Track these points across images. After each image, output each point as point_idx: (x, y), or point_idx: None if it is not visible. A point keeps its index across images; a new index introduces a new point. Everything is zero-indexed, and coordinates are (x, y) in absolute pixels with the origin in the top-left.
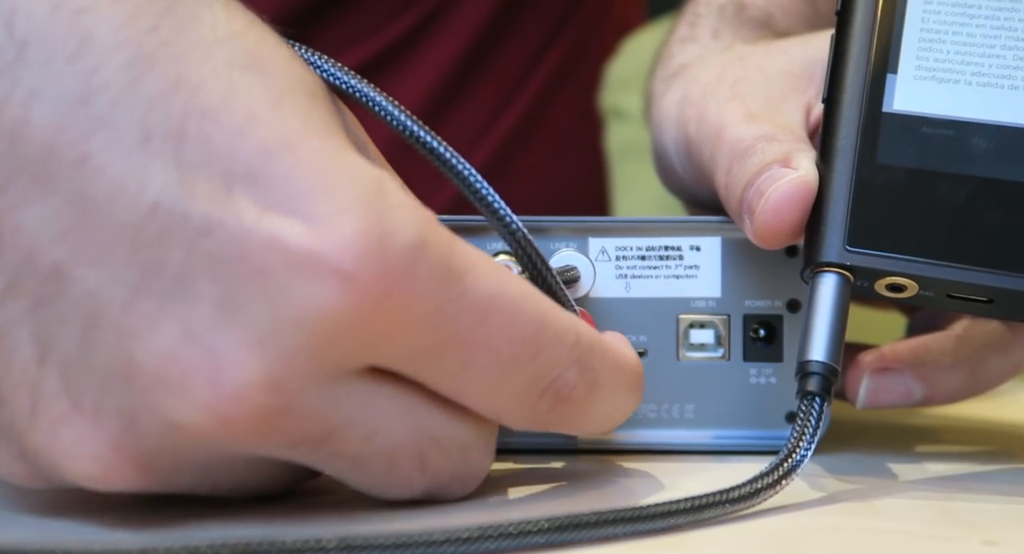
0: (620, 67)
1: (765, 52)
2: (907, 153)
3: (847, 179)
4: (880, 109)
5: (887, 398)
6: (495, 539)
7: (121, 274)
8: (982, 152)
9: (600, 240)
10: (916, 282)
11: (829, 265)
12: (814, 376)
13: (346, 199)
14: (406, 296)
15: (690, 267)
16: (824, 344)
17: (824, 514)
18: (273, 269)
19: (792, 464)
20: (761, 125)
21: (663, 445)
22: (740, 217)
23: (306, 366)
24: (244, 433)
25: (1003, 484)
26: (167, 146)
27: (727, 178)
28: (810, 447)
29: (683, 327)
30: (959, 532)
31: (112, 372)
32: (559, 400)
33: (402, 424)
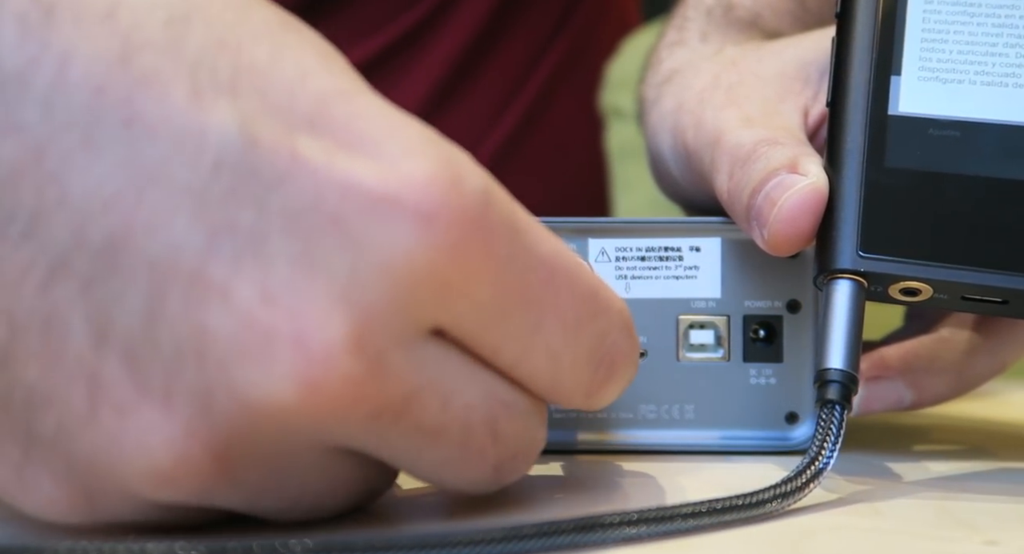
0: (620, 67)
1: (757, 55)
2: (915, 156)
3: (857, 184)
4: (886, 112)
5: (879, 405)
6: (519, 540)
7: (185, 239)
8: (990, 152)
9: (600, 241)
10: (930, 286)
11: (843, 272)
12: (833, 384)
13: (414, 142)
14: (481, 243)
15: (690, 268)
16: (842, 351)
17: (824, 514)
18: (349, 215)
19: (815, 471)
20: (760, 129)
21: (663, 445)
22: (748, 224)
23: (389, 321)
24: (331, 402)
25: (1003, 484)
26: (220, 101)
27: (730, 184)
28: (832, 454)
29: (683, 328)
30: (959, 532)
31: (182, 349)
32: (611, 370)
33: (473, 387)
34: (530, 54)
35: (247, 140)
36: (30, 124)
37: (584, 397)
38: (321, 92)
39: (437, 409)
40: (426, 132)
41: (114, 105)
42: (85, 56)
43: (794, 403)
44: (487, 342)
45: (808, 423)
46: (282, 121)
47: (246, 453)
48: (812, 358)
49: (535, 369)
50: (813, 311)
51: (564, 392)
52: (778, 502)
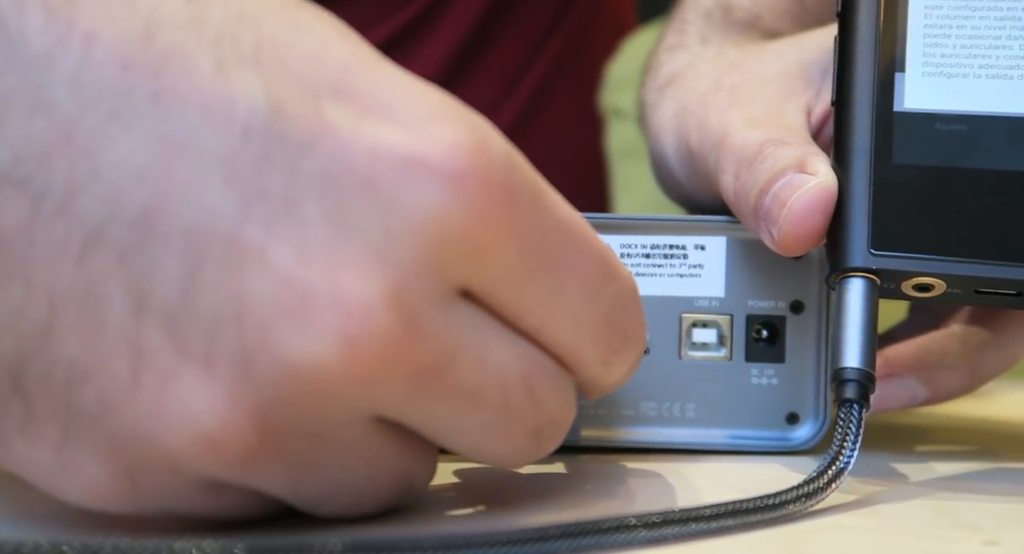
0: (620, 67)
1: (758, 56)
2: (922, 151)
3: (865, 182)
4: (892, 109)
5: (893, 403)
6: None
7: (219, 206)
8: (998, 145)
9: (605, 237)
10: (943, 281)
11: (855, 270)
12: (851, 383)
13: (437, 108)
14: (507, 205)
15: (694, 266)
16: (858, 350)
17: (824, 514)
18: (381, 177)
19: (836, 471)
20: (766, 129)
21: (664, 444)
22: (757, 224)
23: (424, 281)
24: (371, 361)
25: (1003, 484)
26: (245, 72)
27: (736, 185)
28: (852, 454)
29: (686, 326)
30: (959, 532)
31: (221, 314)
32: (625, 337)
33: (506, 349)
34: (525, 53)
35: (274, 108)
36: (60, 102)
37: (602, 365)
38: (343, 61)
39: (474, 369)
40: (448, 99)
41: (141, 80)
42: (109, 35)
43: (795, 404)
44: (514, 305)
45: (809, 424)
46: (307, 89)
47: (288, 420)
48: (815, 359)
49: (559, 331)
50: (816, 312)
51: (584, 357)
52: (800, 503)
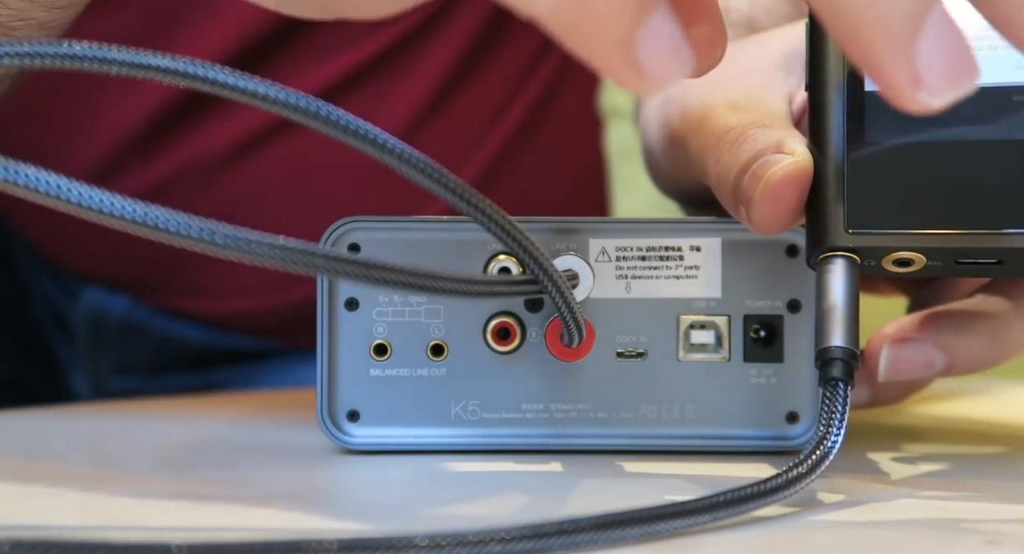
0: None
1: (741, 47)
2: (893, 128)
3: (839, 162)
4: (863, 88)
5: (909, 368)
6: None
7: None
8: (966, 116)
9: (600, 241)
10: (923, 254)
11: (834, 250)
12: (836, 361)
13: None
14: None
15: (690, 267)
16: (841, 329)
17: (824, 514)
18: None
19: (824, 451)
20: (747, 114)
21: (663, 445)
22: (735, 206)
23: None
24: None
25: (1003, 484)
26: None
27: (717, 167)
28: (839, 433)
29: (683, 327)
30: (959, 532)
31: None
32: None
33: None
34: (532, 53)
35: None
36: None
37: None
38: None
39: None
40: None
41: None
42: None
43: (794, 403)
44: None
45: (809, 422)
46: None
47: None
48: (813, 358)
49: None
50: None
51: None
52: (791, 486)
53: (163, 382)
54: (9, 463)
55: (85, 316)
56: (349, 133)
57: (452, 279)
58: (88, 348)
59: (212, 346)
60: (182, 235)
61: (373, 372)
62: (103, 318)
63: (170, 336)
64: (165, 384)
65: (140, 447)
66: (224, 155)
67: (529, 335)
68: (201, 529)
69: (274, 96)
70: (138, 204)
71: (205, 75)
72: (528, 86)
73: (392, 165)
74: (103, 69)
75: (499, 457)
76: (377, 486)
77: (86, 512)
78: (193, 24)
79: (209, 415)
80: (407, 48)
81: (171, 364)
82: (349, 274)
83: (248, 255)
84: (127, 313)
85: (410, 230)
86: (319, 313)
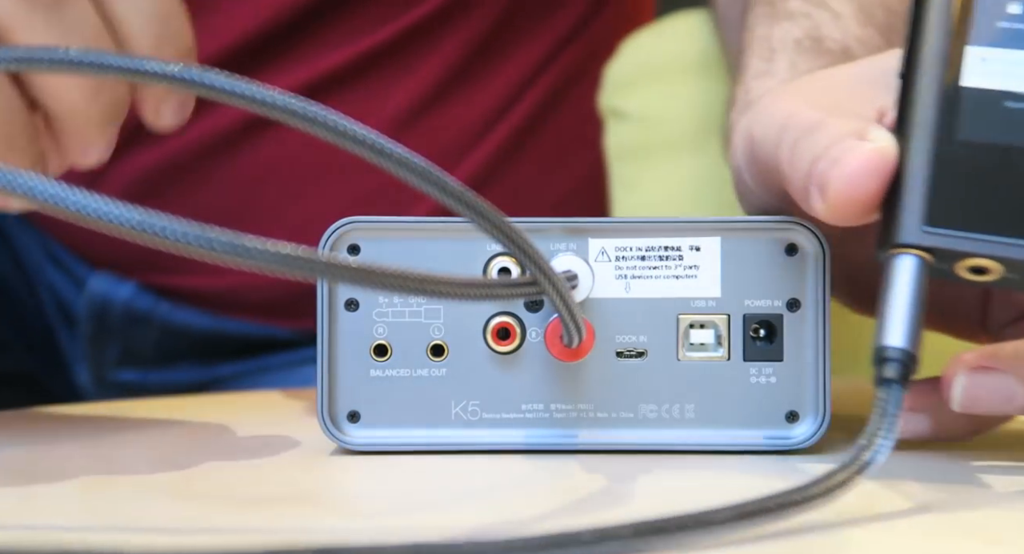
0: (620, 67)
1: (835, 67)
2: (989, 129)
3: (925, 156)
4: (959, 83)
5: (986, 400)
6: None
7: None
8: None
9: (600, 241)
10: (1000, 263)
11: (907, 246)
12: (892, 362)
13: None
14: None
15: (690, 267)
16: (903, 329)
17: (822, 514)
18: None
19: (873, 453)
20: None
21: (663, 445)
22: (806, 192)
23: None
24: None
25: (1004, 484)
26: None
27: (793, 153)
28: (889, 435)
29: (683, 327)
30: (959, 532)
31: None
32: None
33: None
34: (547, 51)
35: None
36: None
37: None
38: None
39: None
40: None
41: None
42: None
43: (794, 402)
44: None
45: (809, 422)
46: None
47: None
48: (813, 357)
49: None
50: (813, 309)
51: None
52: (837, 490)
53: (167, 375)
54: (9, 463)
55: (90, 305)
56: (346, 137)
57: (451, 282)
58: (92, 340)
59: (217, 334)
60: (180, 242)
61: (373, 373)
62: (108, 306)
63: (175, 323)
64: (169, 377)
65: (140, 447)
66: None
67: (529, 335)
68: (201, 529)
69: (270, 100)
70: (136, 210)
71: (199, 79)
72: (538, 83)
73: (389, 169)
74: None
75: (499, 457)
76: (377, 487)
77: (86, 512)
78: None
79: (209, 415)
80: (421, 36)
81: (176, 354)
82: (348, 279)
83: (247, 261)
84: (132, 300)
85: (410, 231)
86: (319, 314)
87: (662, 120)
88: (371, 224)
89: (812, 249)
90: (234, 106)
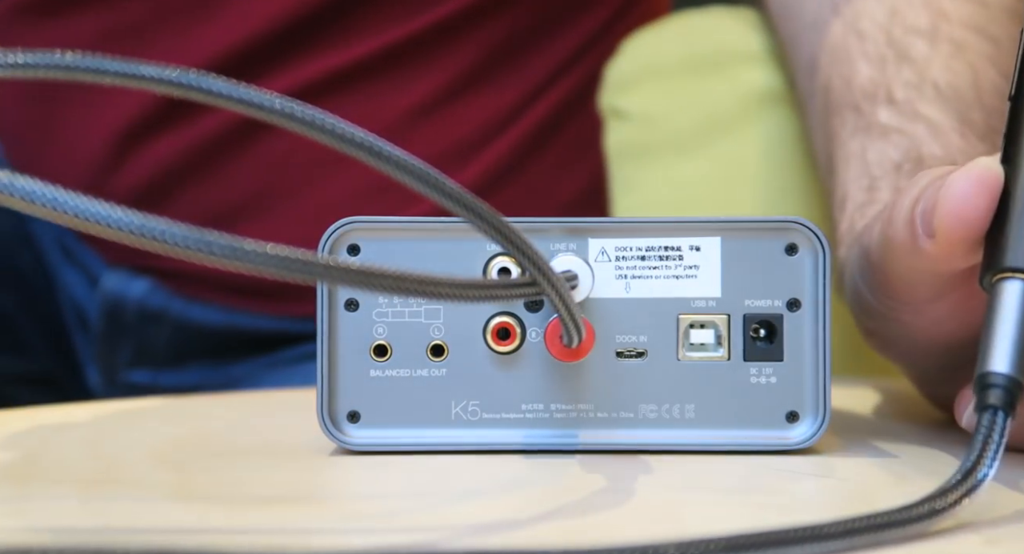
0: (620, 67)
1: None
2: None
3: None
4: None
5: None
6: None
7: None
8: None
9: (600, 241)
10: None
11: (1014, 271)
12: (996, 388)
13: None
14: None
15: (690, 267)
16: (1008, 355)
17: (824, 513)
18: None
19: (975, 482)
20: None
21: (664, 445)
22: (911, 236)
23: None
24: None
25: (1003, 484)
26: None
27: (896, 201)
28: (992, 464)
29: (683, 327)
30: (959, 532)
31: None
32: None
33: None
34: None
35: None
36: None
37: None
38: None
39: None
40: None
41: None
42: None
43: (794, 402)
44: None
45: (808, 422)
46: None
47: None
48: (813, 357)
49: None
50: (813, 309)
51: None
52: (933, 518)
53: (179, 376)
54: (9, 463)
55: (103, 304)
56: (344, 140)
57: (450, 284)
58: (104, 339)
59: (229, 330)
60: (179, 246)
61: (373, 373)
62: (121, 304)
63: (188, 320)
64: (181, 379)
65: (140, 447)
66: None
67: (529, 335)
68: (201, 530)
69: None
70: (135, 215)
71: (197, 84)
72: (557, 87)
73: (387, 171)
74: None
75: (499, 458)
76: (377, 487)
77: (86, 512)
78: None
79: (209, 415)
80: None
81: (188, 353)
82: (347, 281)
83: (245, 264)
84: (145, 298)
85: (410, 231)
86: (319, 314)
87: (662, 120)
88: (371, 224)
89: (812, 249)
90: (231, 110)
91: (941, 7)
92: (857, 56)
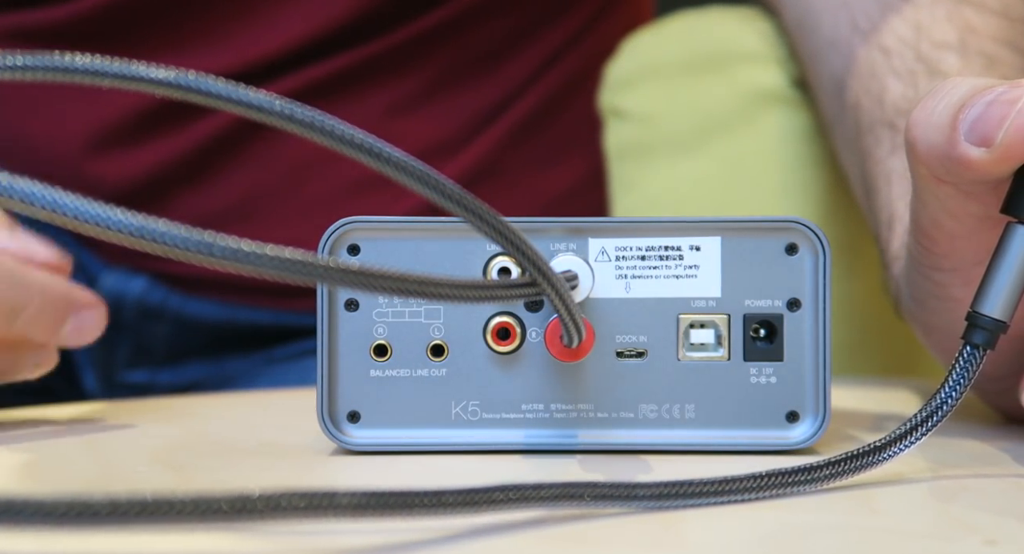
0: (620, 67)
1: None
2: None
3: None
4: None
5: None
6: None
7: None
8: None
9: (600, 240)
10: None
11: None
12: (980, 330)
13: None
14: None
15: (690, 267)
16: (1001, 299)
17: (824, 514)
18: None
19: (946, 406)
20: None
21: (664, 445)
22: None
23: None
24: None
25: (1003, 484)
26: None
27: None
28: (960, 395)
29: (683, 327)
30: (959, 532)
31: None
32: None
33: None
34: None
35: None
36: None
37: None
38: None
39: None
40: None
41: None
42: None
43: (795, 402)
44: None
45: (809, 422)
46: None
47: None
48: (813, 356)
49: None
50: (813, 309)
51: None
52: (906, 440)
53: (176, 374)
54: (9, 463)
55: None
56: (343, 141)
57: (450, 284)
58: (102, 340)
59: (228, 325)
60: (179, 247)
61: (373, 373)
62: (120, 303)
63: (187, 315)
64: (178, 376)
65: (140, 447)
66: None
67: (529, 335)
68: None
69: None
70: (136, 217)
71: (196, 86)
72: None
73: (386, 172)
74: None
75: (499, 458)
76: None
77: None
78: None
79: (209, 415)
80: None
81: (186, 350)
82: (347, 282)
83: (245, 266)
84: (144, 295)
85: (410, 231)
86: (319, 314)
87: (662, 120)
88: (371, 224)
89: (812, 249)
90: (230, 112)
91: (968, 22)
92: (885, 73)
